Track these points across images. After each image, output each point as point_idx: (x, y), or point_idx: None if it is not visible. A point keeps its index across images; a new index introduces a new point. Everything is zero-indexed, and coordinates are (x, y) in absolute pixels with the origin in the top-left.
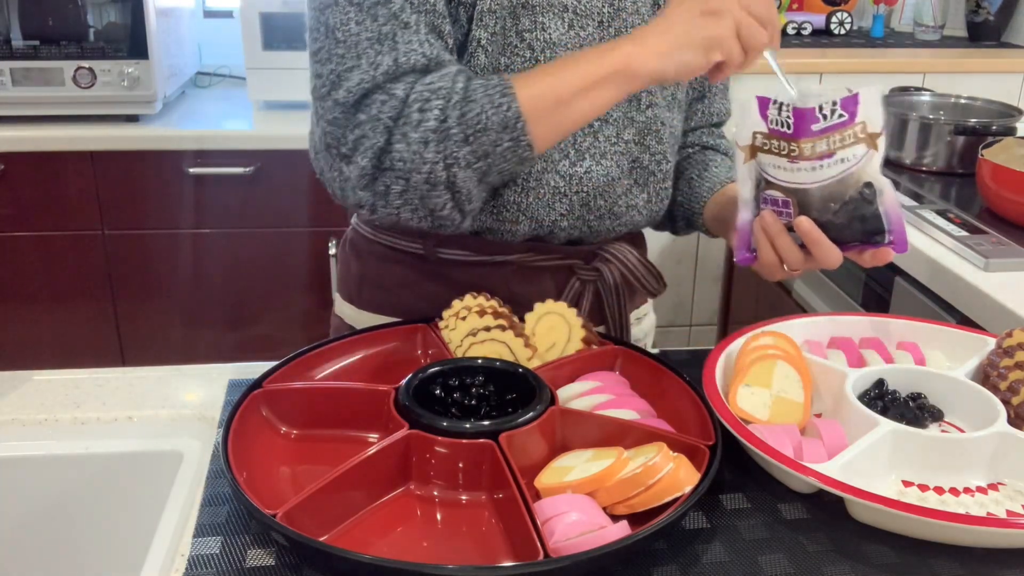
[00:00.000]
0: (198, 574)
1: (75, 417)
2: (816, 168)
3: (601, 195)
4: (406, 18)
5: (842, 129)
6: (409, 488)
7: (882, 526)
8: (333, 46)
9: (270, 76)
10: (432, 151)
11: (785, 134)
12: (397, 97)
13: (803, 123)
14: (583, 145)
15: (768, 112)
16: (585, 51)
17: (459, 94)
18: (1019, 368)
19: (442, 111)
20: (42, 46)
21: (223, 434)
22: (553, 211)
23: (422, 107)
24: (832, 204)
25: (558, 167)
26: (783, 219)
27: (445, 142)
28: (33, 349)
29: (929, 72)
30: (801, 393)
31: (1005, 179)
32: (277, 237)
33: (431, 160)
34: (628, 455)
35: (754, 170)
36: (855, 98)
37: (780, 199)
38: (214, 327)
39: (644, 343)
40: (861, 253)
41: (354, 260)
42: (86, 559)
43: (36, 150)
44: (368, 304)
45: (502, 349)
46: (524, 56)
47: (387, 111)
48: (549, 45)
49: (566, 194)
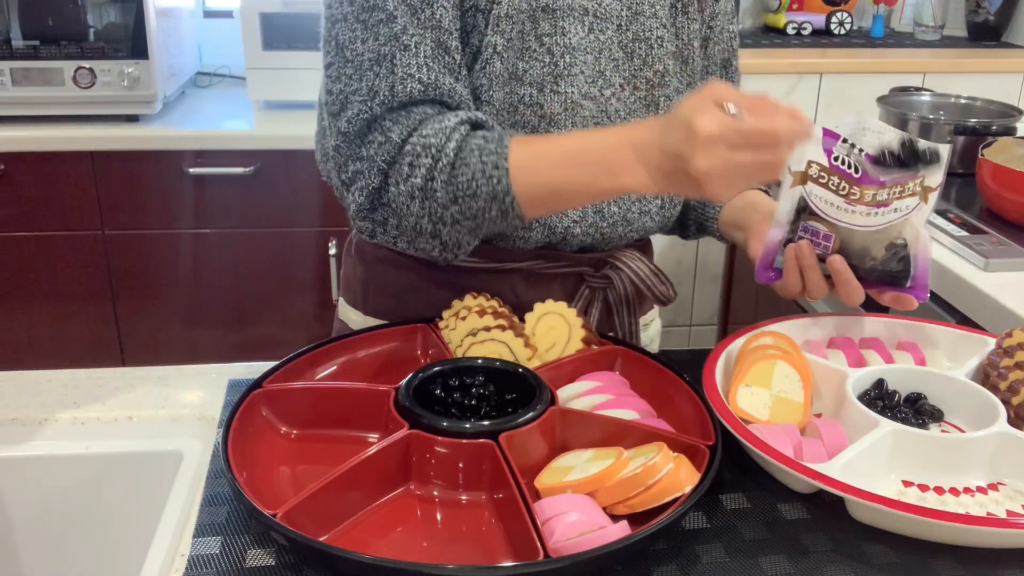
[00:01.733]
0: (198, 574)
1: (75, 417)
2: (870, 214)
3: (615, 202)
4: (407, 40)
5: (904, 183)
6: (409, 488)
7: (882, 526)
8: (342, 65)
9: (270, 76)
10: (417, 206)
11: (849, 176)
12: (392, 142)
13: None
14: None
15: (835, 148)
16: (593, 150)
17: (450, 155)
18: (1019, 368)
19: (428, 171)
20: (42, 46)
21: (223, 434)
22: (566, 217)
23: (412, 162)
24: (871, 247)
25: None
26: (818, 250)
27: (430, 200)
28: (33, 349)
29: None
30: (801, 393)
31: (1005, 179)
32: (277, 237)
33: (416, 213)
34: (628, 455)
35: (798, 195)
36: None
37: (822, 232)
38: (214, 327)
39: (651, 348)
40: (881, 293)
41: (359, 265)
42: (86, 559)
43: (36, 150)
44: (374, 310)
45: (502, 349)
46: (543, 61)
47: (382, 154)
48: (569, 50)
49: None
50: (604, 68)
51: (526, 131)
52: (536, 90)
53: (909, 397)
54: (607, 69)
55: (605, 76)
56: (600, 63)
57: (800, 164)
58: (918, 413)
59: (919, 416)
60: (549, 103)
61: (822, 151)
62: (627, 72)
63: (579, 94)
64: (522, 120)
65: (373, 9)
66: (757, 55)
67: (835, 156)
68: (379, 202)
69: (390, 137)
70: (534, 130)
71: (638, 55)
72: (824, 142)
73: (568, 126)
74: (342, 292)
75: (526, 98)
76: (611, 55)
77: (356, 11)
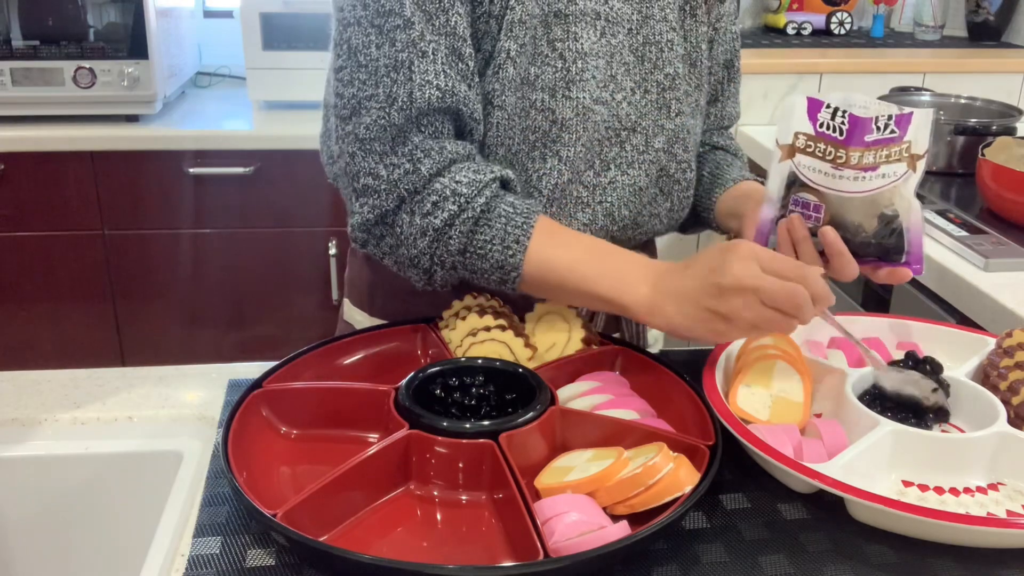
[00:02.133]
0: (198, 574)
1: (75, 417)
2: (858, 178)
3: (626, 205)
4: (424, 46)
5: (890, 145)
6: (409, 488)
7: (882, 526)
8: (355, 69)
9: (270, 76)
10: (426, 244)
11: (835, 139)
12: (420, 174)
13: (857, 131)
14: (608, 155)
15: (819, 115)
16: (613, 255)
17: (476, 210)
18: (1019, 368)
19: (451, 217)
20: (42, 46)
21: (223, 434)
22: (575, 221)
23: (437, 202)
24: (861, 218)
25: (582, 178)
26: (809, 223)
27: (440, 244)
28: (33, 349)
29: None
30: (801, 393)
31: (1005, 179)
32: (277, 237)
33: (421, 249)
34: (628, 455)
35: (787, 170)
36: (908, 117)
37: (812, 203)
38: (214, 327)
39: (655, 347)
40: (876, 269)
41: (366, 267)
42: (86, 559)
43: (36, 150)
44: (381, 312)
45: (502, 349)
46: (555, 66)
47: (406, 183)
48: (581, 55)
49: (589, 204)
50: (615, 72)
51: (537, 135)
52: (548, 95)
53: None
54: (618, 73)
55: (616, 80)
56: (612, 67)
57: (787, 137)
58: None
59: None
60: (561, 108)
61: (807, 121)
62: (638, 76)
63: (591, 99)
64: (533, 125)
65: (389, 14)
66: (757, 55)
67: (820, 122)
68: (385, 222)
69: (419, 169)
70: (545, 134)
71: (648, 59)
72: (809, 111)
73: (579, 131)
74: (347, 293)
75: (538, 103)
76: (622, 59)
77: (371, 15)
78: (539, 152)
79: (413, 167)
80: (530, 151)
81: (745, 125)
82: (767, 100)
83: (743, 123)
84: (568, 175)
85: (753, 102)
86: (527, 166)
